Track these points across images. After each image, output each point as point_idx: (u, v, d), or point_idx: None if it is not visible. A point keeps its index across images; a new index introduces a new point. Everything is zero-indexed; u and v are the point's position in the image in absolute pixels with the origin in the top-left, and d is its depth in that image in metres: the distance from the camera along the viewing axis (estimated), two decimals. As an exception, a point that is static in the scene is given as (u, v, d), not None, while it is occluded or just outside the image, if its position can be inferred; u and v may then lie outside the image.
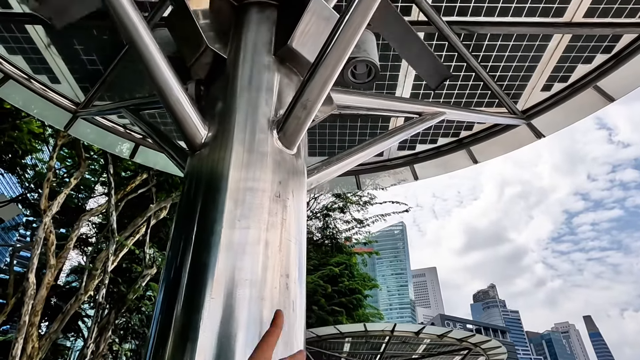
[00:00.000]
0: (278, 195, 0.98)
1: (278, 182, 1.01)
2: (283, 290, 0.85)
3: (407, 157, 5.91)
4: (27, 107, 5.20)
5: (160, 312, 0.86)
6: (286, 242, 0.92)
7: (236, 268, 0.85)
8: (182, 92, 1.10)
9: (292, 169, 1.08)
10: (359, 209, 17.89)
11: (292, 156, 1.10)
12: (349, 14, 1.12)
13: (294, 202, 1.03)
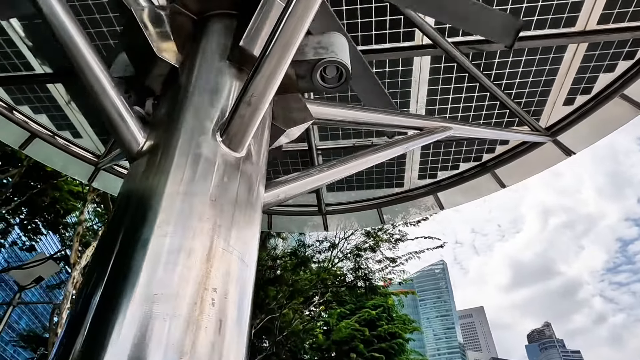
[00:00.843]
0: (214, 199, 0.85)
1: (215, 186, 0.88)
2: (206, 307, 0.70)
3: (429, 185, 5.68)
4: (52, 162, 5.40)
5: (64, 336, 0.73)
6: (219, 252, 0.79)
7: (155, 280, 0.72)
8: (119, 100, 1.02)
9: (238, 172, 0.95)
10: (391, 247, 17.32)
11: (239, 159, 0.98)
12: (291, 5, 1.04)
13: (237, 206, 0.90)
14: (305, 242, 17.34)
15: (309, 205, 6.03)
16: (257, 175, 1.06)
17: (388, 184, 5.69)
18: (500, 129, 4.25)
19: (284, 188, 1.21)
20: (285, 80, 1.40)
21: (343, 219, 6.32)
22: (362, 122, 1.84)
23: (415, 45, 4.08)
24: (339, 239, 17.26)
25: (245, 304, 0.81)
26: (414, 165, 5.42)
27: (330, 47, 1.34)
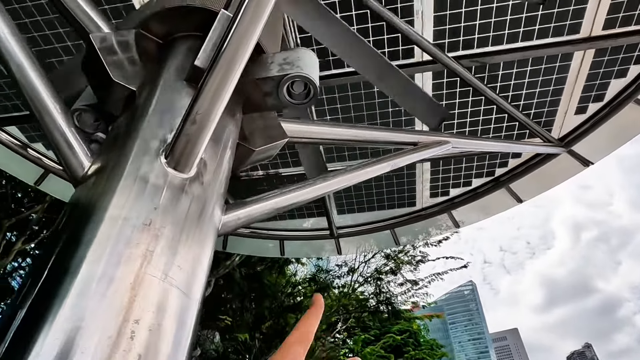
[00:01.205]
0: (148, 223, 0.80)
1: (153, 209, 0.83)
2: (124, 341, 0.64)
3: (442, 203, 5.53)
4: (66, 196, 5.50)
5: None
6: (147, 280, 0.73)
7: (75, 310, 0.66)
8: (65, 124, 1.00)
9: (183, 194, 0.90)
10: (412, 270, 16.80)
11: (185, 180, 0.93)
12: (237, 19, 1.00)
13: (179, 230, 0.84)
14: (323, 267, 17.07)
15: (320, 229, 5.93)
16: (211, 196, 1.01)
17: (400, 203, 5.56)
18: (507, 142, 4.13)
19: (247, 210, 1.15)
20: (253, 99, 1.37)
21: (356, 241, 6.20)
22: (345, 139, 1.78)
23: (415, 62, 4.05)
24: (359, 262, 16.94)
25: (181, 337, 0.74)
26: (424, 183, 5.30)
27: (296, 62, 1.31)
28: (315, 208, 5.75)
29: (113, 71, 1.14)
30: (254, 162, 1.41)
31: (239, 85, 1.27)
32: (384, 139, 2.02)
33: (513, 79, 4.17)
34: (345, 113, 4.44)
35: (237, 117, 1.29)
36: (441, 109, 3.01)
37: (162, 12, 1.33)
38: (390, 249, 15.72)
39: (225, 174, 1.12)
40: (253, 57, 1.35)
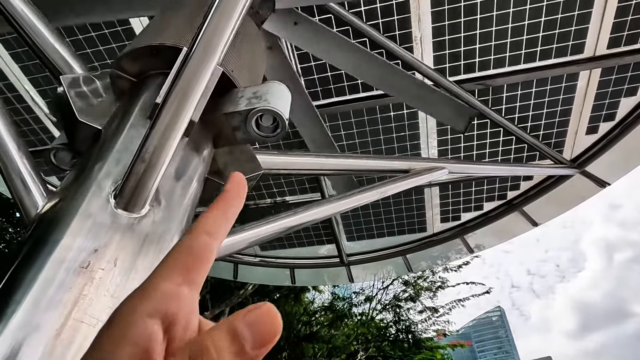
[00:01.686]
0: (85, 265, 0.78)
1: (93, 250, 0.82)
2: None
3: (453, 229, 5.40)
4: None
5: None
6: (76, 325, 0.71)
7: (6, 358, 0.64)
8: (23, 162, 1.01)
9: (132, 234, 0.89)
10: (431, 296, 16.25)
11: (135, 219, 0.92)
12: (191, 53, 1.01)
13: (122, 272, 0.82)
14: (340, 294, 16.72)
15: (330, 256, 5.85)
16: (166, 233, 0.99)
17: (410, 229, 5.46)
18: (511, 165, 4.03)
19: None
20: (223, 133, 1.37)
21: (368, 268, 6.08)
22: (328, 169, 1.75)
23: (418, 87, 4.03)
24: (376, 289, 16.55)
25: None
26: (434, 208, 5.20)
27: (264, 96, 1.30)
28: (324, 235, 5.70)
29: (79, 111, 1.16)
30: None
31: (209, 120, 1.27)
32: (372, 167, 1.99)
33: (518, 101, 4.11)
34: (349, 140, 4.44)
35: (206, 152, 1.29)
36: (467, 109, 2.94)
37: (134, 51, 1.36)
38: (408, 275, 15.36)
39: (187, 210, 1.11)
40: (223, 91, 1.36)
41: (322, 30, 2.52)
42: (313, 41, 2.49)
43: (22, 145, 1.03)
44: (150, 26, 1.54)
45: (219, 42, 1.04)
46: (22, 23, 1.31)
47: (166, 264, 0.41)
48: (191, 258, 0.41)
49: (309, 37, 2.46)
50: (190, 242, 0.42)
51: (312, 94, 4.10)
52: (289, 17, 2.32)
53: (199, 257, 0.41)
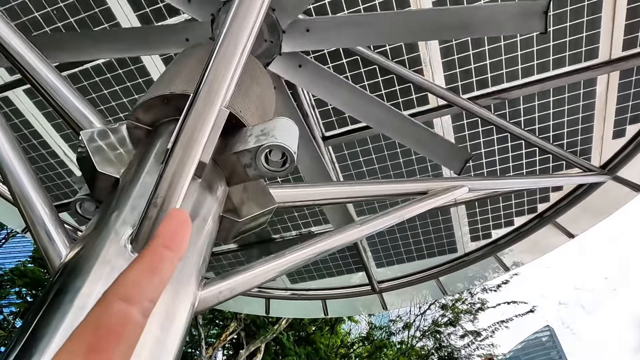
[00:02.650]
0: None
1: (111, 296, 0.85)
2: None
3: (485, 247, 5.24)
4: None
5: None
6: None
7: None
8: (47, 214, 1.07)
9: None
10: (472, 319, 15.54)
11: (151, 262, 0.95)
12: (196, 98, 1.07)
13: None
14: (376, 323, 16.25)
15: (361, 285, 5.76)
16: (180, 276, 1.02)
17: (440, 251, 5.33)
18: (536, 177, 3.93)
19: (228, 282, 1.15)
20: (236, 171, 1.41)
21: (402, 294, 5.93)
22: (344, 197, 1.76)
23: (432, 108, 4.04)
24: (414, 315, 16.01)
25: None
26: (463, 227, 5.08)
27: (271, 132, 1.35)
28: (354, 264, 5.63)
29: (98, 163, 1.23)
30: (244, 232, 1.42)
31: (221, 160, 1.32)
32: (389, 191, 1.99)
33: (537, 112, 4.05)
34: (368, 165, 4.45)
35: (219, 191, 1.33)
36: (462, 151, 2.95)
37: (147, 101, 1.44)
38: (445, 298, 14.84)
39: (203, 250, 1.14)
40: (233, 131, 1.41)
41: (324, 73, 2.59)
42: (316, 83, 2.56)
43: (46, 198, 1.10)
44: (163, 76, 1.63)
45: (222, 84, 1.09)
46: (43, 83, 1.42)
47: (68, 344, 0.32)
48: (99, 334, 0.32)
49: (312, 79, 2.54)
50: (98, 314, 0.33)
51: (327, 124, 4.17)
52: (293, 59, 2.40)
53: (111, 332, 0.32)
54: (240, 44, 1.22)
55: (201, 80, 1.14)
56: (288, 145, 1.31)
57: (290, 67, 2.43)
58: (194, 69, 1.58)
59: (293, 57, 2.42)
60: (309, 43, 2.31)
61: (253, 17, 1.25)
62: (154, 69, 3.83)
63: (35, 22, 3.52)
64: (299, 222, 5.19)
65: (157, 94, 1.42)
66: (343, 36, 2.40)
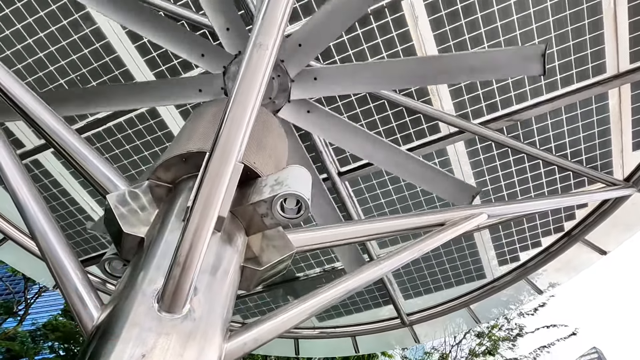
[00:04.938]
0: (135, 373, 0.85)
1: (141, 356, 0.89)
2: None
3: (514, 270, 5.09)
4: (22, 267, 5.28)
5: None
6: None
7: None
8: (78, 278, 1.13)
9: (173, 335, 0.96)
10: (511, 346, 14.76)
11: (177, 319, 0.99)
12: (212, 153, 1.13)
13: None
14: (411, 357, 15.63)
15: (389, 318, 5.63)
16: (207, 329, 1.05)
17: (468, 277, 5.21)
18: (559, 196, 3.86)
19: (252, 333, 1.17)
20: (254, 221, 1.46)
21: (433, 325, 5.76)
22: (361, 236, 1.79)
23: (444, 136, 4.08)
24: (449, 345, 15.36)
25: None
26: (488, 252, 4.97)
27: (285, 181, 1.40)
28: (380, 297, 5.53)
29: (124, 224, 1.30)
30: (265, 279, 1.45)
31: (239, 211, 1.37)
32: (405, 226, 2.00)
33: (550, 130, 4.03)
34: (386, 197, 4.46)
35: (239, 242, 1.38)
36: (469, 187, 2.98)
37: (167, 161, 1.52)
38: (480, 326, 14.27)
39: (226, 302, 1.17)
40: (249, 182, 1.47)
41: (332, 118, 2.69)
42: (324, 127, 2.65)
43: (77, 262, 1.16)
44: (180, 135, 1.73)
45: (236, 140, 1.16)
46: (69, 151, 1.52)
47: None
48: None
49: (321, 124, 2.63)
50: None
51: (341, 160, 4.24)
52: (302, 106, 2.50)
53: None
54: (251, 99, 1.29)
55: (216, 138, 1.21)
56: (302, 192, 1.36)
57: (299, 113, 2.52)
58: (209, 126, 1.67)
59: (302, 103, 2.52)
60: (317, 90, 2.41)
61: (262, 72, 1.31)
62: (172, 122, 4.01)
63: (50, 76, 3.75)
64: (322, 259, 5.17)
65: (176, 153, 1.50)
66: (350, 83, 2.49)
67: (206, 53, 2.60)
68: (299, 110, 2.50)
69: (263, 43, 1.16)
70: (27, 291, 19.75)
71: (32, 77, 3.75)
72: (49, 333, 18.75)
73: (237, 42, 2.63)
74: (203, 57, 2.76)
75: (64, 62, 3.70)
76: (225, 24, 2.62)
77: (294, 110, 2.45)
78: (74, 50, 3.65)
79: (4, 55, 3.68)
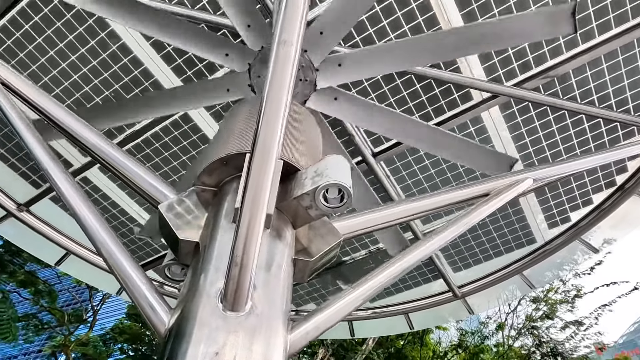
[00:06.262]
0: (211, 370, 0.91)
1: (214, 354, 0.94)
2: None
3: (566, 232, 4.91)
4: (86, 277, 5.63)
5: None
6: None
7: None
8: (146, 287, 1.20)
9: (240, 332, 1.01)
10: (570, 308, 14.25)
11: (242, 317, 1.04)
12: (253, 159, 1.16)
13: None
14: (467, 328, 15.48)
15: (441, 292, 5.60)
16: (270, 323, 1.10)
17: (517, 244, 5.08)
18: (607, 150, 3.66)
19: (313, 321, 1.21)
20: (299, 214, 1.50)
21: (486, 295, 5.68)
22: (405, 216, 1.78)
23: (477, 103, 3.96)
24: (504, 313, 15.07)
25: None
26: (536, 216, 4.82)
27: (325, 172, 1.42)
28: (429, 272, 5.51)
29: (178, 230, 1.36)
30: (317, 269, 1.49)
31: (283, 206, 1.41)
32: (449, 201, 1.97)
33: (591, 82, 3.82)
34: (424, 172, 4.40)
35: (288, 236, 1.42)
36: (506, 157, 2.89)
37: (209, 166, 1.58)
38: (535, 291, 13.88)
39: (284, 295, 1.22)
40: (289, 176, 1.51)
41: (360, 102, 2.66)
42: (352, 112, 2.64)
43: (141, 271, 1.24)
44: (217, 139, 1.78)
45: (274, 139, 1.19)
46: (116, 166, 1.60)
47: None
48: None
49: (349, 109, 2.61)
50: None
51: (374, 141, 4.21)
52: (329, 94, 2.50)
53: None
54: (283, 97, 1.31)
55: (255, 140, 1.24)
56: (343, 181, 1.38)
57: (327, 102, 2.52)
58: (243, 126, 1.71)
59: (328, 91, 2.52)
60: (343, 77, 2.40)
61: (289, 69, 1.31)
62: (205, 124, 4.11)
63: (87, 96, 3.92)
64: (366, 241, 5.20)
65: (216, 157, 1.55)
66: (375, 66, 2.46)
67: (230, 52, 2.63)
68: (326, 98, 2.50)
69: (287, 40, 1.17)
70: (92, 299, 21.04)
71: (70, 100, 3.94)
72: (117, 336, 19.98)
73: (259, 37, 2.65)
74: (227, 56, 2.79)
75: (97, 80, 3.86)
76: (245, 21, 2.65)
77: (321, 99, 2.46)
78: (105, 68, 3.79)
79: (42, 82, 3.88)
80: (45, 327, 19.54)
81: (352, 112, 2.65)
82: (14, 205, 4.70)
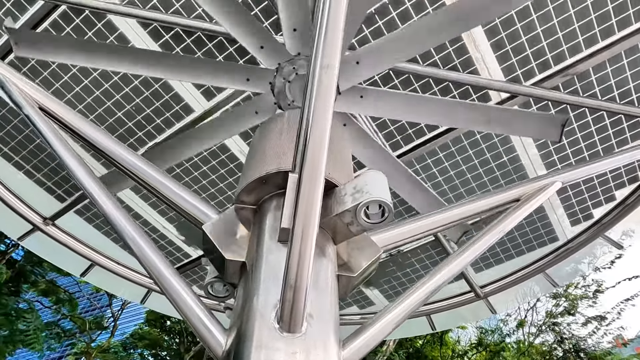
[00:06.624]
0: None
1: (276, 375, 0.98)
2: None
3: (589, 229, 4.87)
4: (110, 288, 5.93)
5: None
6: None
7: None
8: (201, 311, 1.24)
9: (298, 354, 1.04)
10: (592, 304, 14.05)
11: (299, 338, 1.07)
12: (302, 180, 1.19)
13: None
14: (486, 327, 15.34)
15: (463, 293, 5.58)
16: (323, 343, 1.13)
17: (539, 242, 5.05)
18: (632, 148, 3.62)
19: (362, 339, 1.23)
20: (340, 231, 1.52)
21: (509, 295, 5.65)
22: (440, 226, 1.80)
23: (496, 103, 3.94)
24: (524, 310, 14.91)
25: None
26: (558, 212, 4.78)
27: (364, 188, 1.44)
28: (450, 273, 5.48)
29: (225, 251, 1.40)
30: (359, 283, 1.52)
31: (325, 223, 1.44)
32: (481, 208, 1.98)
33: (612, 78, 3.79)
34: (443, 174, 4.40)
35: (331, 252, 1.45)
36: (554, 115, 2.85)
37: (248, 185, 1.61)
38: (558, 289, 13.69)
39: (332, 312, 1.25)
40: (328, 192, 1.53)
41: (386, 94, 2.68)
42: (380, 106, 2.65)
43: (193, 293, 1.27)
44: (253, 157, 1.81)
45: (320, 160, 1.22)
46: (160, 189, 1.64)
47: None
48: None
49: (376, 104, 2.63)
50: None
51: (393, 145, 4.22)
52: (354, 93, 2.53)
53: None
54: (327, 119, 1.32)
55: (302, 160, 1.25)
56: (383, 197, 1.40)
57: (352, 101, 2.55)
58: (278, 143, 1.75)
59: (352, 91, 2.54)
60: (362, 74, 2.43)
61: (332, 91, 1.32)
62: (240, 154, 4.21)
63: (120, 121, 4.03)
64: (386, 244, 5.20)
65: (255, 176, 1.59)
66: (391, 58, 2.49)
67: (250, 76, 2.70)
68: (352, 98, 2.53)
69: (330, 64, 1.20)
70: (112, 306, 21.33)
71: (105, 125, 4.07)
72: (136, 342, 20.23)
73: (273, 56, 2.70)
74: (248, 81, 2.85)
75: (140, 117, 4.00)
76: (257, 43, 2.70)
77: (346, 100, 2.49)
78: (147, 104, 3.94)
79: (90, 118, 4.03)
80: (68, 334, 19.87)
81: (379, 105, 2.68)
82: (40, 219, 4.82)
